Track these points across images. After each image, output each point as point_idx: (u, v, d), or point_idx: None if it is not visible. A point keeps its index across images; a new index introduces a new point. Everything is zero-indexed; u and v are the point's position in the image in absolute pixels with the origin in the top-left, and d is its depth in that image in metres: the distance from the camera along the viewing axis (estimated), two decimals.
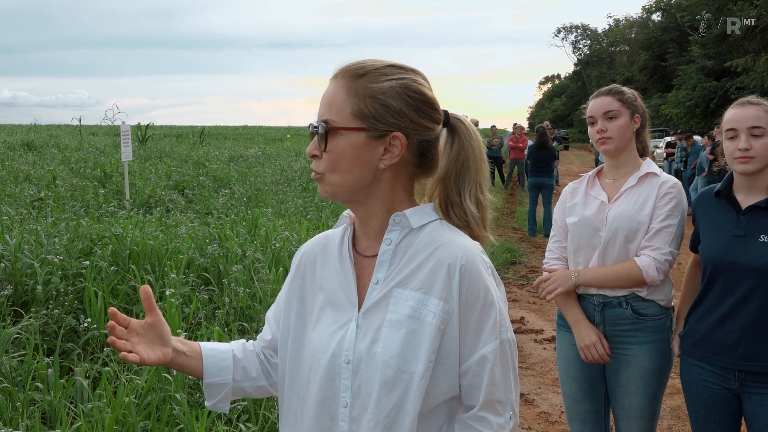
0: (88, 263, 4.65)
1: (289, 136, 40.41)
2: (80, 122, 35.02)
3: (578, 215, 2.49)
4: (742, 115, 2.13)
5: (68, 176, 11.47)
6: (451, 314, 1.22)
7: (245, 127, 77.14)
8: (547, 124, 18.98)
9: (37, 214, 7.53)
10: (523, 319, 6.07)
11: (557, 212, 2.63)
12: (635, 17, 63.43)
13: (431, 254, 1.24)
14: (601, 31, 73.71)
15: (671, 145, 17.19)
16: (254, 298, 4.61)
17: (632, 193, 2.42)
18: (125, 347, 1.28)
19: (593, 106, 2.48)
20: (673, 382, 3.88)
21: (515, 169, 17.45)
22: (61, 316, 4.05)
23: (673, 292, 2.46)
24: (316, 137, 1.25)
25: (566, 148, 40.02)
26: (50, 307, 4.13)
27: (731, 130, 2.15)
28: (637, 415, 2.44)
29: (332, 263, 1.34)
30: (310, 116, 1.28)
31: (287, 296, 1.40)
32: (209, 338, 3.66)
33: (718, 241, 2.18)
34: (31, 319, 3.86)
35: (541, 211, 10.53)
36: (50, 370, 3.31)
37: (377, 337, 1.23)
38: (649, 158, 2.53)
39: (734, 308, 2.12)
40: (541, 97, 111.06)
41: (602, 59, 71.62)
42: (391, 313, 1.23)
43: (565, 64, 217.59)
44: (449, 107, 1.32)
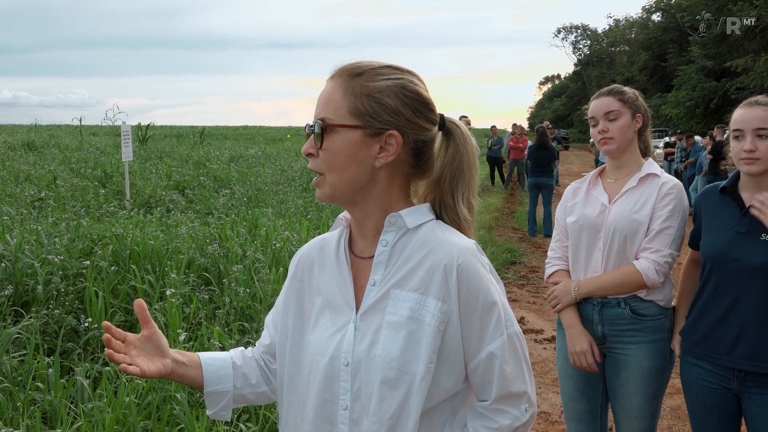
0: (88, 263, 4.66)
1: (289, 136, 40.39)
2: (81, 122, 35.14)
3: (578, 214, 2.49)
4: (748, 115, 2.13)
5: (69, 176, 11.49)
6: (450, 314, 1.22)
7: (245, 127, 77.11)
8: (547, 124, 18.97)
9: (37, 214, 7.54)
10: (523, 319, 6.08)
11: (559, 212, 2.64)
12: (635, 17, 63.67)
13: (427, 254, 1.24)
14: (601, 31, 73.87)
15: (670, 145, 17.20)
16: (254, 298, 4.61)
17: (633, 194, 2.41)
18: (124, 360, 1.26)
19: (594, 106, 2.47)
20: (673, 382, 3.87)
21: (515, 169, 17.45)
22: (61, 316, 4.05)
23: (672, 292, 2.45)
24: (312, 136, 1.26)
25: (566, 148, 39.99)
26: (51, 307, 4.13)
27: (737, 130, 2.15)
28: (637, 414, 2.44)
29: (329, 266, 1.34)
30: (310, 116, 1.28)
31: (285, 300, 1.40)
32: (209, 338, 3.67)
33: (719, 237, 2.18)
34: (31, 319, 3.87)
35: (541, 211, 10.53)
36: (51, 369, 3.31)
37: (376, 338, 1.23)
38: (651, 158, 2.53)
39: (733, 306, 2.12)
40: (541, 97, 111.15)
41: (602, 59, 71.64)
42: (389, 314, 1.23)
43: (565, 64, 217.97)
44: (449, 107, 1.34)
